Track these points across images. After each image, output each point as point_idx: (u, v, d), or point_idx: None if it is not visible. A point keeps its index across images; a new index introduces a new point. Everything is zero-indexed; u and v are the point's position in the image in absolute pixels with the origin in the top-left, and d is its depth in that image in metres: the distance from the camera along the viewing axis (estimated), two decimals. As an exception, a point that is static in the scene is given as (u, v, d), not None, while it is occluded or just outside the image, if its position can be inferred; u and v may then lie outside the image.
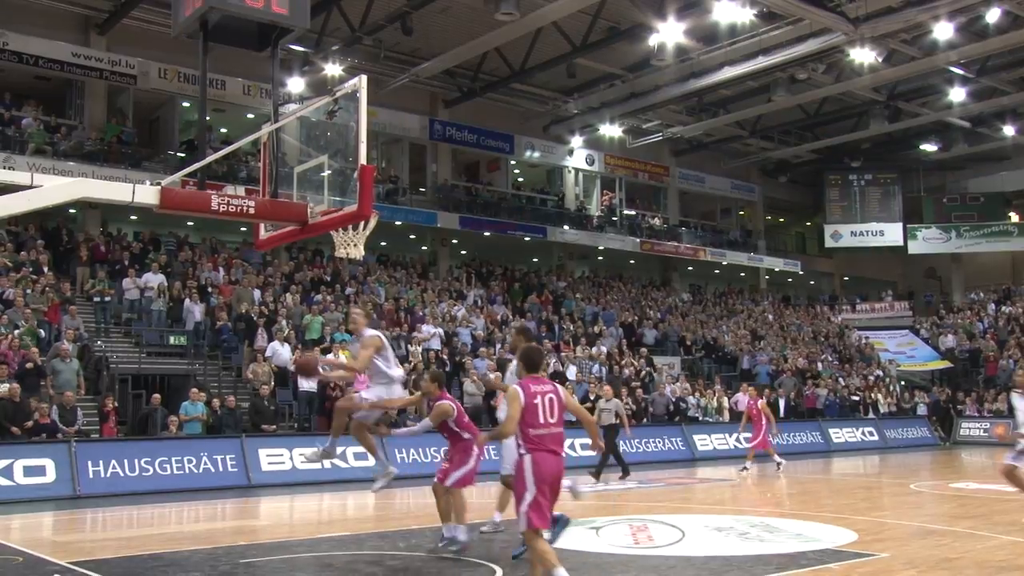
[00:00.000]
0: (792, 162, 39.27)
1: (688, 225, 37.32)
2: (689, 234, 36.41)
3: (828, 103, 31.94)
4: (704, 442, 22.73)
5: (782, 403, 25.89)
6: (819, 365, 30.45)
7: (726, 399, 24.76)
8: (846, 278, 43.64)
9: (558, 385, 6.40)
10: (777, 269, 39.41)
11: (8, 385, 14.97)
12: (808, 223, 43.53)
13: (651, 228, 35.48)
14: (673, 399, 23.50)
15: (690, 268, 37.62)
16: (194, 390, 17.10)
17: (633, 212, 35.80)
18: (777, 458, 18.39)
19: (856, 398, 28.22)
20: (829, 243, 40.44)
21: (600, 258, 35.36)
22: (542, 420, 6.14)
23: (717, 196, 39.32)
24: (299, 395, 18.52)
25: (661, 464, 18.21)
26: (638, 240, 33.78)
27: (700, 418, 23.97)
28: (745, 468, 18.15)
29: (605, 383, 14.38)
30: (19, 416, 14.76)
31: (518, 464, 6.21)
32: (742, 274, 39.45)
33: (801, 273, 40.53)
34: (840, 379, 29.45)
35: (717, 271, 38.21)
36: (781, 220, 43.85)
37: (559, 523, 7.46)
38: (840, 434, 25.73)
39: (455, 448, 8.58)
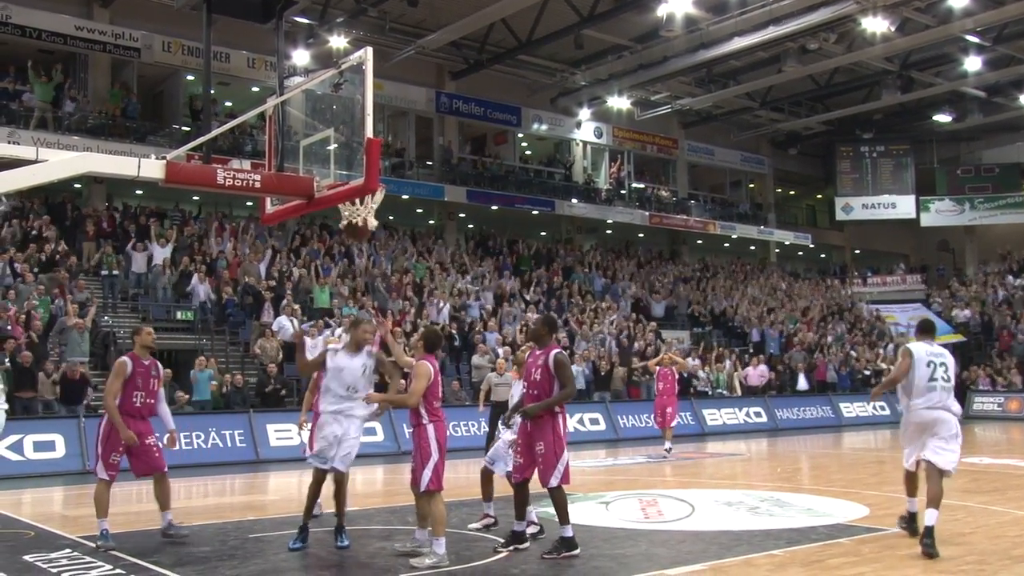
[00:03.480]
0: (803, 134, 38.98)
1: (697, 198, 37.19)
2: (698, 207, 36.28)
3: (839, 73, 31.64)
4: (714, 416, 22.77)
5: (801, 378, 25.89)
6: (829, 338, 30.39)
7: (736, 373, 24.75)
8: (857, 251, 43.47)
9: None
10: (787, 242, 39.27)
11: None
12: (819, 196, 43.30)
13: (660, 201, 35.37)
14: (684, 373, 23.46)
15: (699, 241, 37.51)
16: (200, 358, 17.17)
17: (642, 185, 35.69)
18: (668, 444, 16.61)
19: (867, 372, 28.18)
20: (840, 216, 40.23)
21: (609, 231, 35.28)
22: (441, 394, 7.25)
23: (726, 168, 39.11)
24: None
25: (673, 439, 18.22)
26: (647, 213, 33.69)
27: (710, 392, 23.98)
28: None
29: (502, 359, 14.31)
30: (26, 382, 14.87)
31: (421, 432, 7.09)
32: (752, 247, 39.32)
33: (812, 246, 40.37)
34: (851, 352, 29.39)
35: (727, 244, 38.09)
36: (791, 193, 43.64)
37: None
38: (851, 408, 25.73)
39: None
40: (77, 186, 23.73)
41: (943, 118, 35.61)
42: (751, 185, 40.55)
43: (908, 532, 7.79)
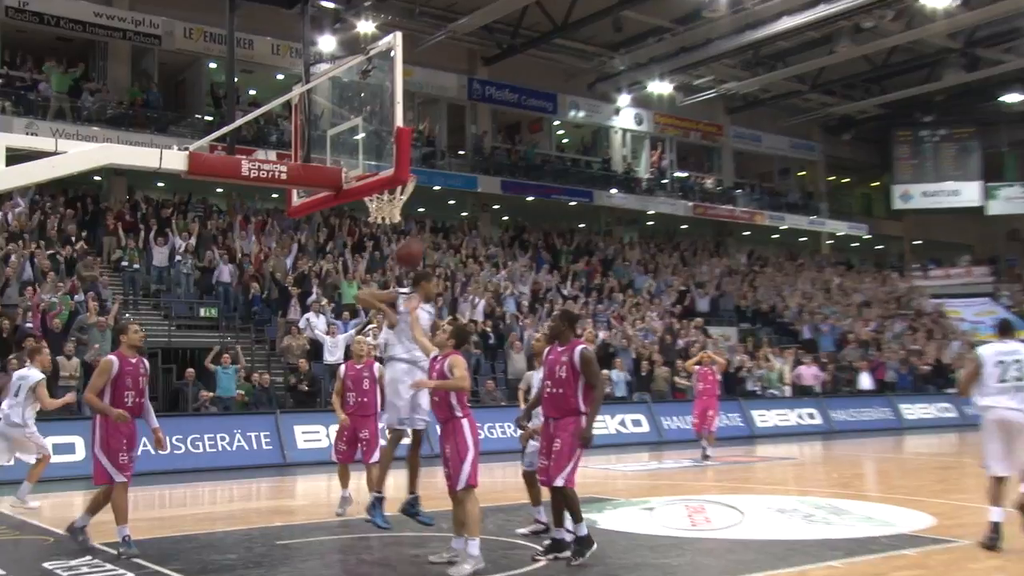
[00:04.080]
0: (857, 118, 38.43)
1: (744, 187, 36.84)
2: (745, 197, 35.97)
3: (897, 53, 31.12)
4: (763, 418, 22.56)
5: (864, 376, 25.55)
6: (887, 335, 29.99)
7: (788, 371, 24.49)
8: (917, 242, 42.80)
9: None
10: (841, 233, 38.79)
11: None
12: (875, 184, 42.72)
13: (704, 191, 35.13)
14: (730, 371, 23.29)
15: (746, 233, 37.18)
16: (225, 356, 17.29)
17: (685, 174, 35.47)
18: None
19: (929, 369, 27.74)
20: (898, 204, 39.66)
21: (650, 223, 35.11)
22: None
23: (775, 156, 38.72)
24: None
25: (718, 441, 18.05)
26: (690, 204, 33.48)
27: (759, 392, 23.77)
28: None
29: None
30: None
31: (456, 426, 7.05)
32: (803, 239, 38.91)
33: (867, 237, 39.86)
34: (912, 350, 28.94)
35: (775, 236, 37.73)
36: (845, 181, 43.06)
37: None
38: (912, 410, 25.31)
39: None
40: (97, 179, 24.04)
41: (1013, 98, 34.83)
42: (801, 173, 40.10)
43: (990, 546, 7.49)
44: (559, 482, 7.11)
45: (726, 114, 36.15)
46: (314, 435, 16.45)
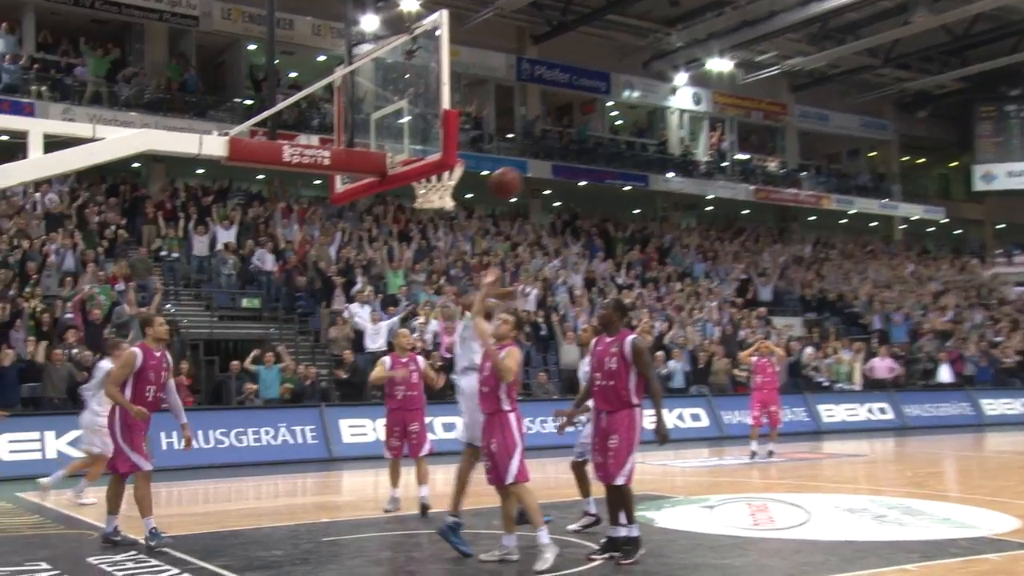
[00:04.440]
0: (934, 93, 37.67)
1: (809, 169, 36.37)
2: (811, 180, 35.54)
3: (981, 21, 30.38)
4: (831, 413, 22.32)
5: (944, 369, 25.12)
6: (966, 326, 29.43)
7: (859, 364, 24.15)
8: (1000, 226, 41.89)
9: None
10: (915, 217, 38.16)
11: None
12: (953, 164, 41.90)
13: (767, 173, 34.77)
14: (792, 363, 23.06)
15: (812, 218, 36.76)
16: (268, 355, 17.52)
17: (746, 156, 35.15)
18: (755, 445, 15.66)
19: (1013, 363, 27.07)
20: (979, 186, 38.79)
21: (709, 208, 34.87)
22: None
23: (843, 136, 38.17)
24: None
25: (782, 437, 17.93)
26: (752, 187, 33.19)
27: (827, 385, 23.51)
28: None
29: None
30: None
31: (503, 419, 7.10)
32: (873, 224, 38.34)
33: (945, 221, 39.09)
34: (993, 342, 28.35)
35: (843, 221, 37.24)
36: (920, 161, 42.28)
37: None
38: (995, 405, 24.76)
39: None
40: (136, 165, 24.48)
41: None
42: (872, 154, 39.46)
43: None
44: (619, 480, 7.15)
45: (790, 92, 35.69)
46: (360, 429, 16.67)
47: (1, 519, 9.40)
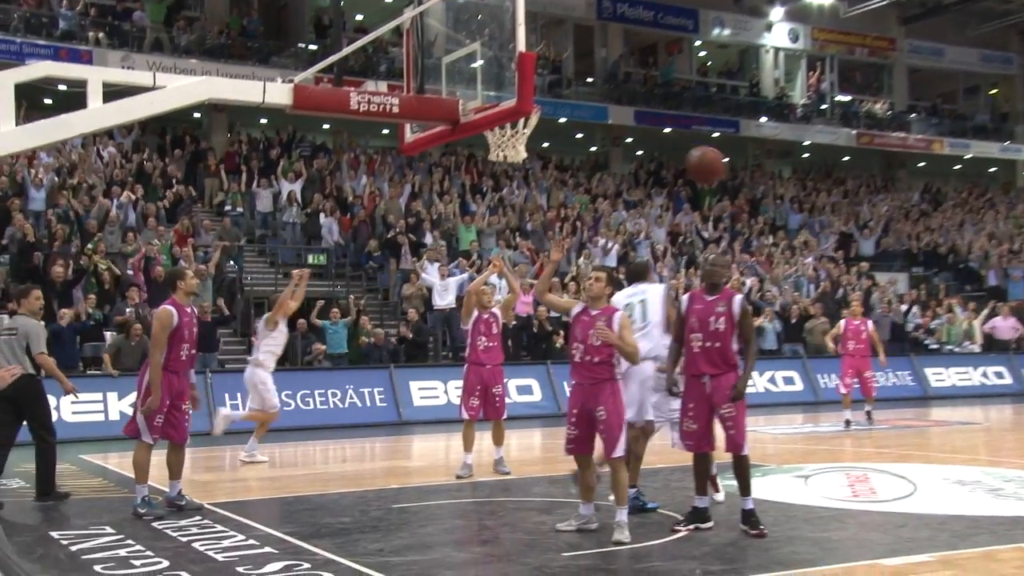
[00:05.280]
0: (1064, 22, 36.20)
1: (920, 110, 35.39)
2: (921, 122, 34.63)
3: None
4: (940, 377, 21.86)
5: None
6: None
7: (978, 324, 23.53)
8: None
9: None
10: (1040, 162, 36.92)
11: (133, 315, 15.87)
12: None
13: (871, 116, 33.98)
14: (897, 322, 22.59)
15: (921, 164, 35.88)
16: (334, 310, 17.75)
17: (848, 97, 34.42)
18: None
19: None
20: (1117, 126, 37.30)
21: (806, 155, 34.31)
22: None
23: (960, 72, 37.01)
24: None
25: (886, 403, 17.64)
26: (854, 132, 32.56)
27: (938, 347, 22.99)
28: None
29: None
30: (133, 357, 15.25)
31: (615, 388, 7.17)
32: (992, 169, 37.17)
33: (1075, 165, 37.72)
34: None
35: (957, 167, 36.27)
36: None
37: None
38: None
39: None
40: (196, 116, 24.91)
41: None
42: (993, 91, 38.16)
43: None
44: (746, 450, 7.28)
45: (900, 25, 34.66)
46: (431, 392, 16.86)
47: (65, 481, 9.73)
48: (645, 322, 8.03)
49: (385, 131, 26.30)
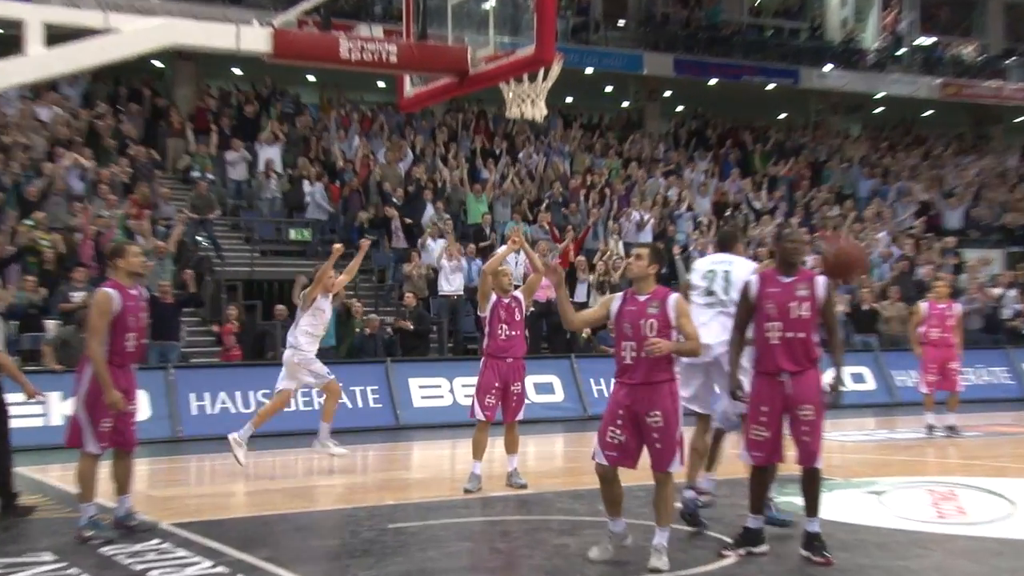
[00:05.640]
0: None
1: (1019, 54, 35.08)
2: (1019, 68, 34.32)
3: None
4: (1042, 373, 21.71)
5: None
6: None
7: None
8: None
9: None
10: None
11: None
12: None
13: (959, 63, 33.75)
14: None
15: (1019, 120, 35.61)
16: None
17: (931, 40, 34.12)
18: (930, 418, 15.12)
19: None
20: None
21: (879, 110, 34.24)
22: None
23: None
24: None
25: (976, 404, 17.48)
26: (938, 81, 32.38)
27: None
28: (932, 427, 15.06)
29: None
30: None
31: (672, 389, 7.08)
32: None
33: None
34: None
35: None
36: None
37: None
38: None
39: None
40: (158, 65, 24.90)
41: None
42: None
43: None
44: (820, 461, 7.27)
45: (994, -50, 34.53)
46: (434, 391, 16.80)
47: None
48: (726, 296, 8.01)
49: (381, 84, 26.26)
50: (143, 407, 14.87)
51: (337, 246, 12.17)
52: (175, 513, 9.19)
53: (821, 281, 7.28)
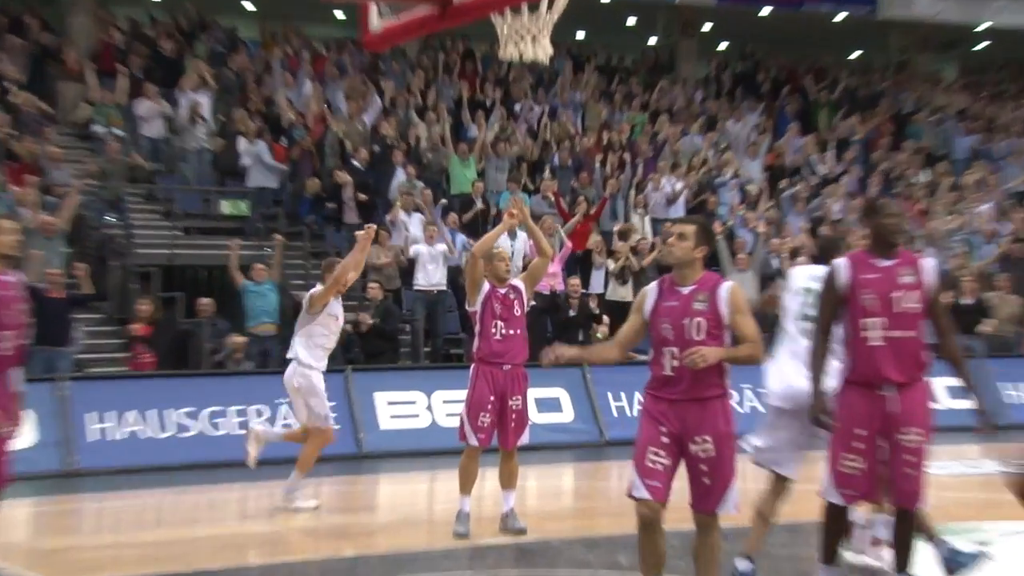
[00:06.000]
0: None
1: None
2: None
3: None
4: None
5: None
6: None
7: None
8: None
9: None
10: None
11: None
12: None
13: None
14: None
15: None
16: (259, 266, 17.63)
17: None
18: None
19: None
20: None
21: (981, 46, 34.31)
22: None
23: None
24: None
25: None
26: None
27: None
28: None
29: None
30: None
31: (724, 407, 6.85)
32: None
33: None
34: None
35: None
36: None
37: None
38: None
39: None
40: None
41: None
42: None
43: None
44: (924, 503, 7.16)
45: None
46: (407, 408, 16.67)
47: None
48: None
49: (339, 15, 26.15)
50: (26, 431, 14.73)
51: (368, 227, 11.61)
52: (64, 570, 8.99)
53: (928, 265, 7.10)
